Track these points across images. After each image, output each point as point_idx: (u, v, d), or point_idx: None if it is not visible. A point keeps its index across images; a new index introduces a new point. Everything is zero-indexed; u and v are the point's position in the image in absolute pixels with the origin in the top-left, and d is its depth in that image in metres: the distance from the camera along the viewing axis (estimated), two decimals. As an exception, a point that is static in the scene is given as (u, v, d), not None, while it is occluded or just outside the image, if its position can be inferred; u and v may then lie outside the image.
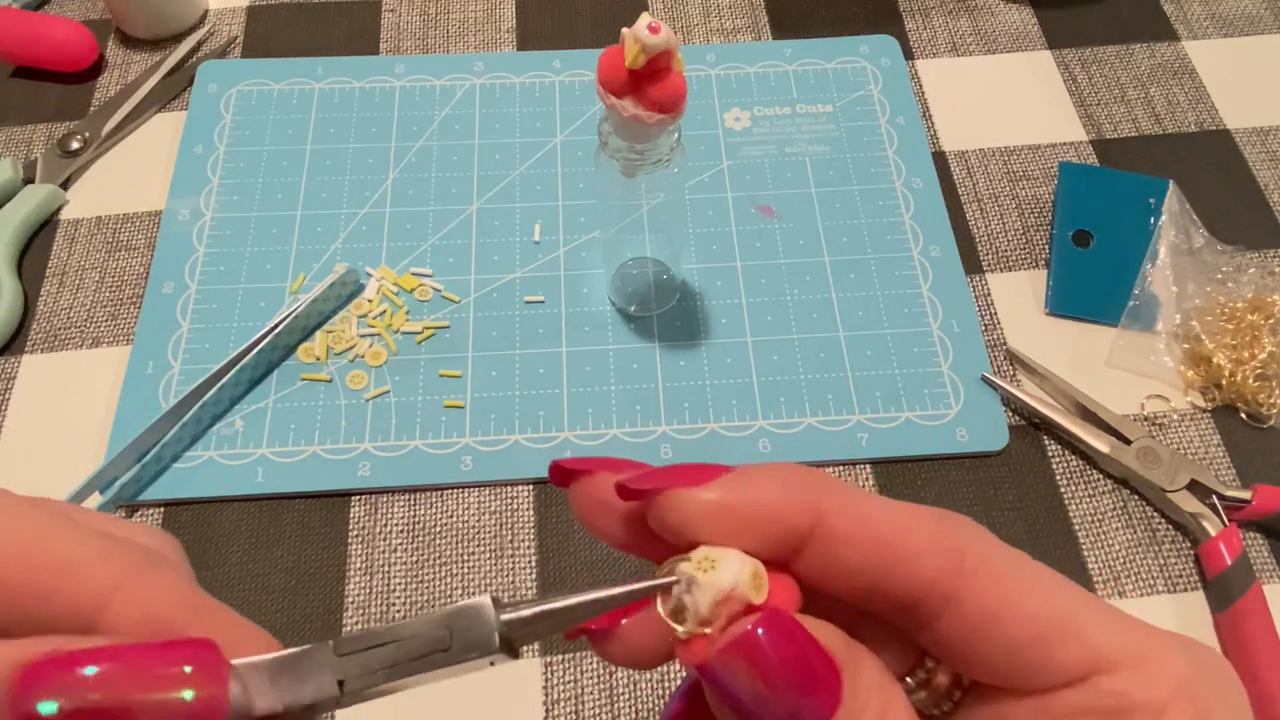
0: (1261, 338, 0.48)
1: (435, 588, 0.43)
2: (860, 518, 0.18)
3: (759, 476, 0.19)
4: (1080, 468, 0.46)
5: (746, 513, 0.18)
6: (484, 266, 0.51)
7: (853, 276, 0.51)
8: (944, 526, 0.18)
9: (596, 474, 0.20)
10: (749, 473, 0.19)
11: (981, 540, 0.18)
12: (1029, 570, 0.18)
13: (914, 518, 0.18)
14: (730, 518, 0.18)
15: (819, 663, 0.17)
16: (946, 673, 0.20)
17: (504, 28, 0.61)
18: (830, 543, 0.18)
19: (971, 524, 0.19)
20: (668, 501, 0.18)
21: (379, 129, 0.56)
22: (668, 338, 0.49)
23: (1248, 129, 0.57)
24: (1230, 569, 0.42)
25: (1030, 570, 0.18)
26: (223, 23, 0.61)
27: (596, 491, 0.20)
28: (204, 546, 0.44)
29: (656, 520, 0.18)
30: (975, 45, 0.61)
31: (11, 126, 0.57)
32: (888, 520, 0.18)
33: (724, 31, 0.61)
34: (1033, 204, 0.54)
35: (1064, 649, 0.18)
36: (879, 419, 0.47)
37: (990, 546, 0.18)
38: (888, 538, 0.18)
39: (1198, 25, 0.62)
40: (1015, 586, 0.18)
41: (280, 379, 0.48)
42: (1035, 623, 0.18)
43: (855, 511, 0.18)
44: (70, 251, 0.52)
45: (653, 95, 0.35)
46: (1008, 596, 0.18)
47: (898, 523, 0.18)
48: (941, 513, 0.19)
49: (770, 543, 0.18)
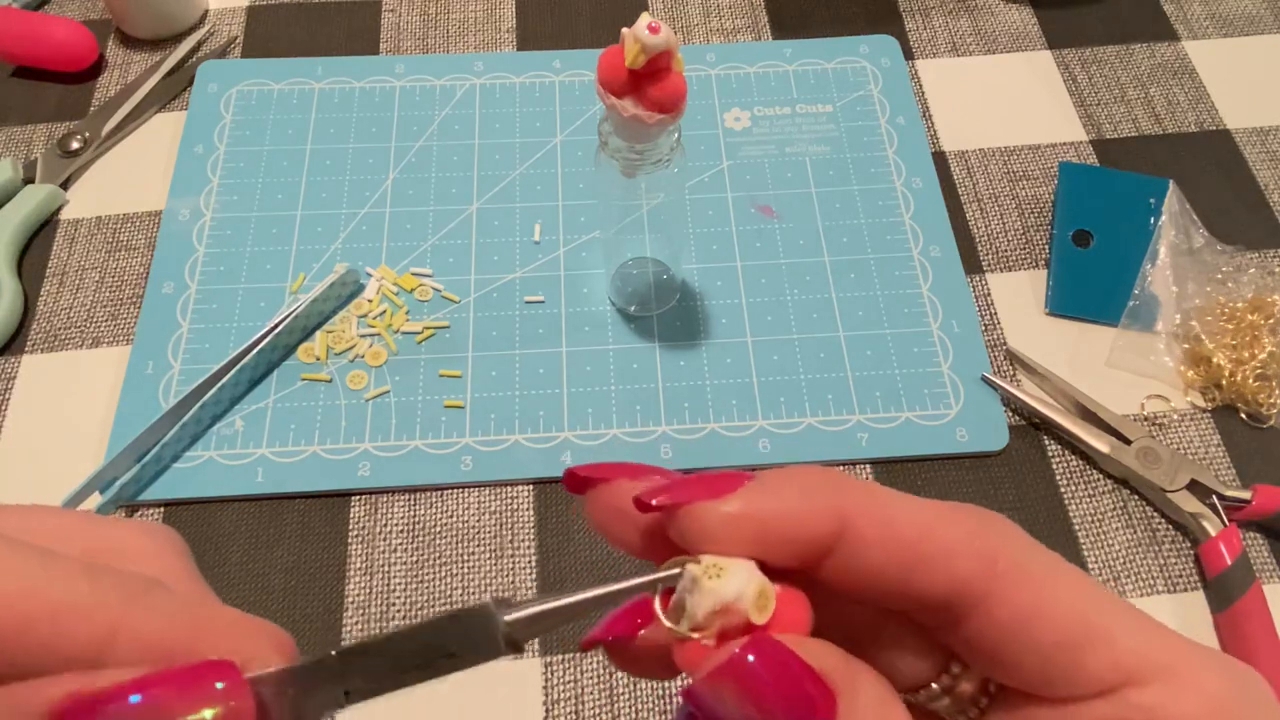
0: (1261, 338, 0.48)
1: (435, 588, 0.43)
2: (886, 519, 0.18)
3: (780, 484, 0.18)
4: (1080, 468, 0.46)
5: (769, 522, 0.18)
6: (484, 266, 0.51)
7: (853, 276, 0.51)
8: (976, 527, 0.18)
9: (613, 482, 0.19)
10: (770, 481, 0.18)
11: (1014, 541, 0.18)
12: (1063, 573, 0.18)
13: (943, 518, 0.18)
14: (753, 528, 0.18)
15: (813, 691, 0.16)
16: (972, 680, 0.20)
17: (504, 28, 0.61)
18: (856, 546, 0.18)
19: (1004, 522, 0.19)
20: (689, 515, 0.18)
21: (379, 129, 0.56)
22: (668, 338, 0.49)
23: (1248, 129, 0.57)
24: (1230, 569, 0.42)
25: (1064, 573, 0.18)
26: (223, 23, 0.61)
27: (614, 500, 0.19)
28: (204, 546, 0.44)
29: (677, 533, 0.18)
30: (975, 45, 0.61)
31: (11, 126, 0.57)
32: (915, 522, 0.18)
33: (724, 31, 0.61)
34: (1033, 204, 0.54)
35: (1095, 656, 0.17)
36: (879, 419, 0.47)
37: (1024, 547, 0.18)
38: (915, 540, 0.18)
39: (1198, 25, 0.62)
40: (1048, 590, 0.18)
41: (280, 379, 0.48)
42: (1068, 628, 0.17)
43: (881, 513, 0.18)
44: (70, 251, 0.52)
45: (653, 95, 0.35)
46: (1040, 600, 0.17)
47: (926, 524, 0.18)
48: (973, 510, 0.19)
49: (795, 549, 0.18)
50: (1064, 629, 0.17)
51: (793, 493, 0.18)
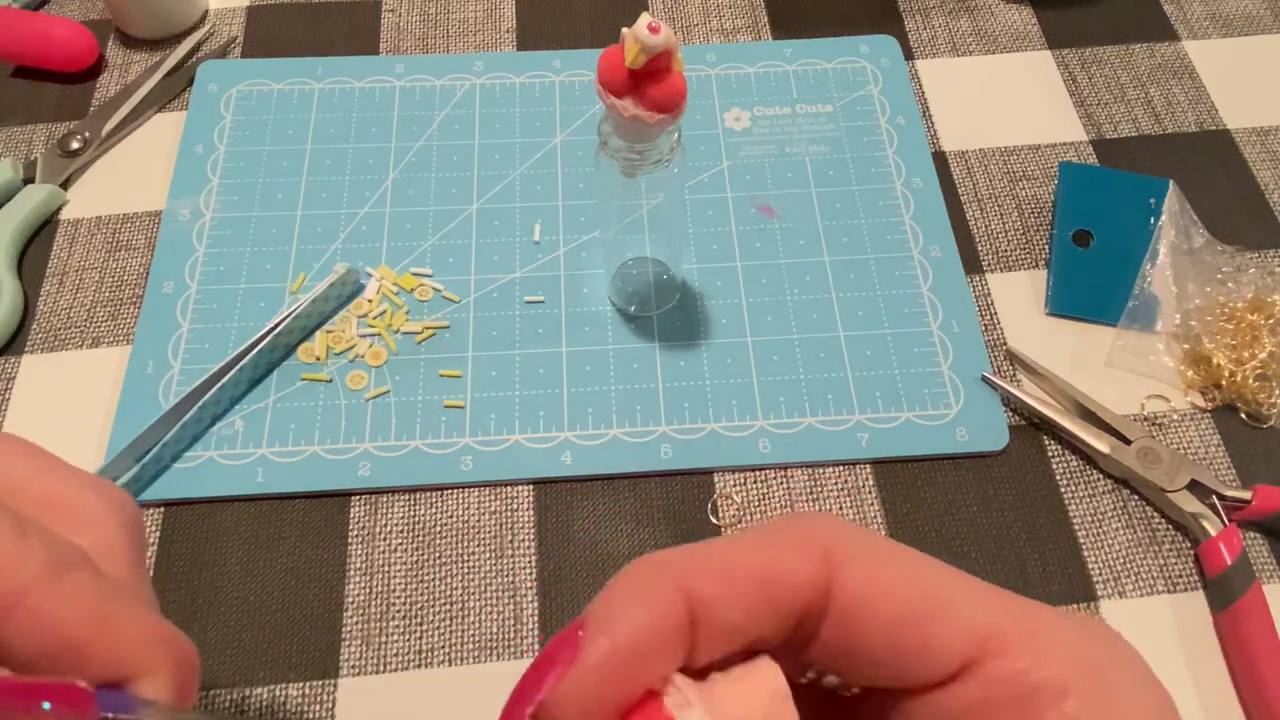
0: (1261, 338, 0.48)
1: (435, 588, 0.43)
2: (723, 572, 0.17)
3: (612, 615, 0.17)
4: (1080, 468, 0.46)
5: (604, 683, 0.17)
6: (484, 266, 0.51)
7: (853, 276, 0.51)
8: (806, 533, 0.18)
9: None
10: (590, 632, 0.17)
11: (846, 531, 0.18)
12: (900, 554, 0.18)
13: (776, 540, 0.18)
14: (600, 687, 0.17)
15: None
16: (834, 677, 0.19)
17: (504, 28, 0.61)
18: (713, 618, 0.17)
19: (831, 519, 0.19)
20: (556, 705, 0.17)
21: (379, 129, 0.56)
22: (668, 338, 0.49)
23: (1248, 129, 0.57)
24: (1230, 569, 0.42)
25: (902, 554, 0.18)
26: (223, 23, 0.61)
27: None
28: (204, 546, 0.44)
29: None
30: (975, 45, 0.61)
31: (11, 126, 0.57)
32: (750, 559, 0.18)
33: (724, 31, 0.61)
34: (1033, 204, 0.54)
35: (941, 628, 0.17)
36: (879, 419, 0.47)
37: (858, 535, 0.18)
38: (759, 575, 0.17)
39: (1198, 25, 0.62)
40: (887, 570, 0.18)
41: (280, 379, 0.48)
42: (907, 599, 0.17)
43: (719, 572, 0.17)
44: (70, 251, 0.52)
45: (653, 95, 0.35)
46: (878, 578, 0.17)
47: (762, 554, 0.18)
48: (795, 519, 0.19)
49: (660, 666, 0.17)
50: (904, 601, 0.17)
51: (632, 616, 0.17)
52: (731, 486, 0.46)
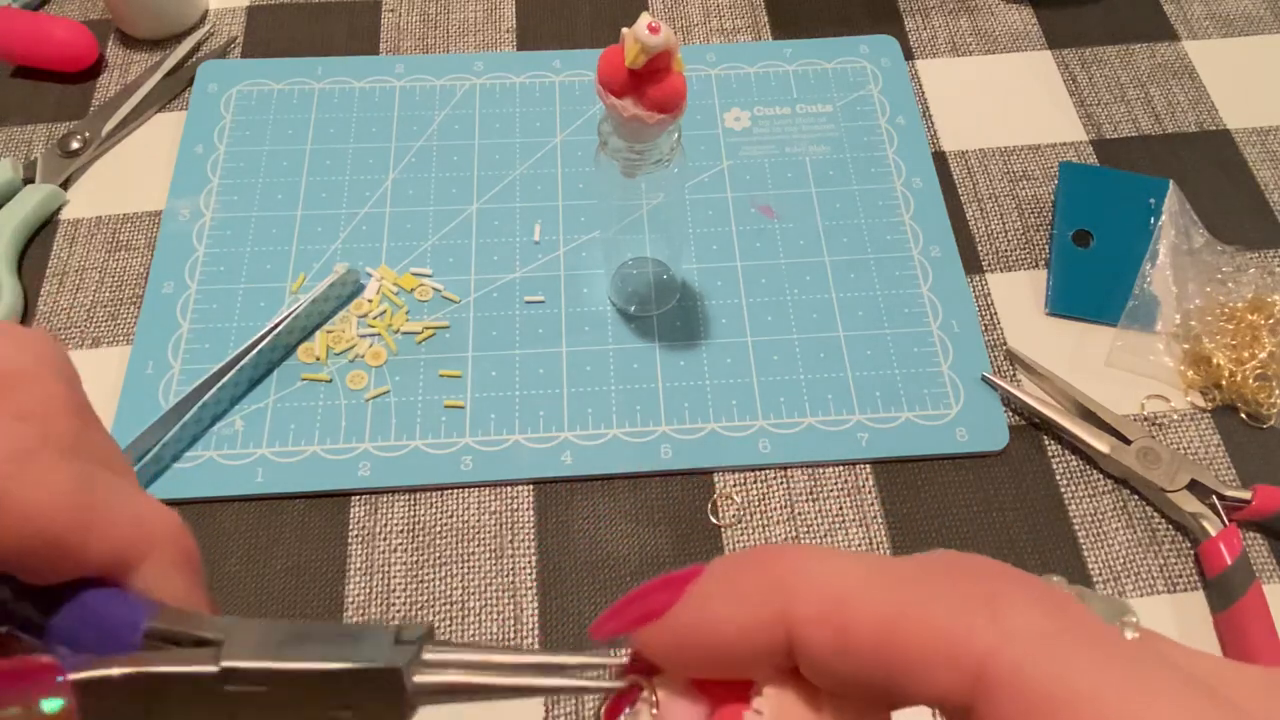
0: (1261, 338, 0.48)
1: (435, 588, 0.43)
2: (841, 625, 0.14)
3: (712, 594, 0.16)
4: (1080, 468, 0.46)
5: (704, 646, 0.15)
6: (484, 266, 0.51)
7: (853, 276, 0.51)
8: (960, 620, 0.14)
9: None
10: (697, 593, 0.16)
11: (1020, 633, 0.13)
12: (1078, 686, 0.13)
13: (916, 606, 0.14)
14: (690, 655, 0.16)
15: None
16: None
17: (504, 28, 0.61)
18: (811, 655, 0.15)
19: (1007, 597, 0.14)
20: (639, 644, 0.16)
21: (379, 129, 0.56)
22: (668, 338, 0.49)
23: (1248, 129, 0.57)
24: (1230, 569, 0.42)
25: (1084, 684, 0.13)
26: (223, 23, 0.61)
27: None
28: (204, 546, 0.43)
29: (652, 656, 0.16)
30: (975, 45, 0.61)
31: (11, 126, 0.57)
32: (878, 622, 0.14)
33: (724, 31, 0.61)
34: (1033, 204, 0.54)
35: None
36: (879, 419, 0.47)
37: (1025, 646, 0.13)
38: (880, 647, 0.14)
39: (1198, 25, 0.62)
40: (1073, 682, 0.13)
41: (280, 379, 0.48)
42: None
43: (836, 616, 0.14)
44: (70, 251, 0.52)
45: (653, 95, 0.35)
46: (1056, 690, 0.13)
47: (892, 623, 0.14)
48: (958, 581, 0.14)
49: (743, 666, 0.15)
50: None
51: (724, 606, 0.15)
52: (731, 486, 0.46)
